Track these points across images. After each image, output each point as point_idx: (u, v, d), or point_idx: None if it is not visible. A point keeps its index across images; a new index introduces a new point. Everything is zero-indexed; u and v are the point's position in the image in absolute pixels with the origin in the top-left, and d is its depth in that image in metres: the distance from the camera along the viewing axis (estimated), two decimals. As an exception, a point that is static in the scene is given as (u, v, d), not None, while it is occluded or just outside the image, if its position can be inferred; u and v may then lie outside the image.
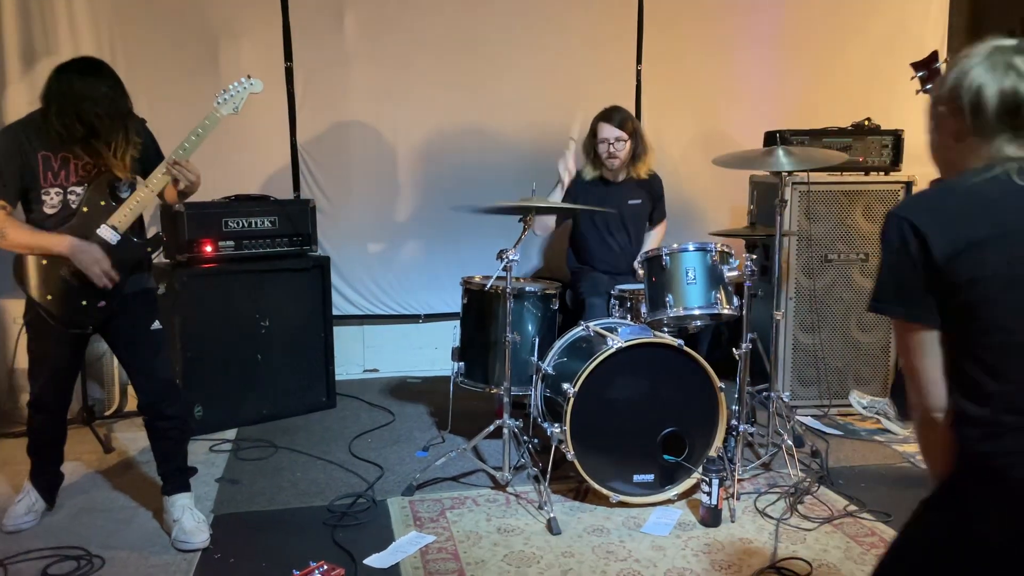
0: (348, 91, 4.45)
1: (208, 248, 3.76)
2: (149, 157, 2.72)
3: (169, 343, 2.86)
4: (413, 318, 4.71)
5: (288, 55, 4.34)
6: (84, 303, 2.60)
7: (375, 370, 4.77)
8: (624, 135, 3.81)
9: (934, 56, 3.38)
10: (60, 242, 2.53)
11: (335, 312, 4.28)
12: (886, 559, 1.45)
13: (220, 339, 3.78)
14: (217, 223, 3.78)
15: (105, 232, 2.58)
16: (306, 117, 4.42)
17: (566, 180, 3.86)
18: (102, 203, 2.61)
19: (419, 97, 4.51)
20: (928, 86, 3.39)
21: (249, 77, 2.80)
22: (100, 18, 4.08)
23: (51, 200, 2.58)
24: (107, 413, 3.97)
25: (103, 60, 2.65)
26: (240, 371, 3.85)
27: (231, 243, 3.82)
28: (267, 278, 3.92)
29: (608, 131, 3.80)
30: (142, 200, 2.63)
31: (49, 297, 2.58)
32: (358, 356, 4.74)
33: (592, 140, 3.87)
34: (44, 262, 2.56)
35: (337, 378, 4.22)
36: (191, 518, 2.73)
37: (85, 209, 2.59)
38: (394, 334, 4.75)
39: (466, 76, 4.53)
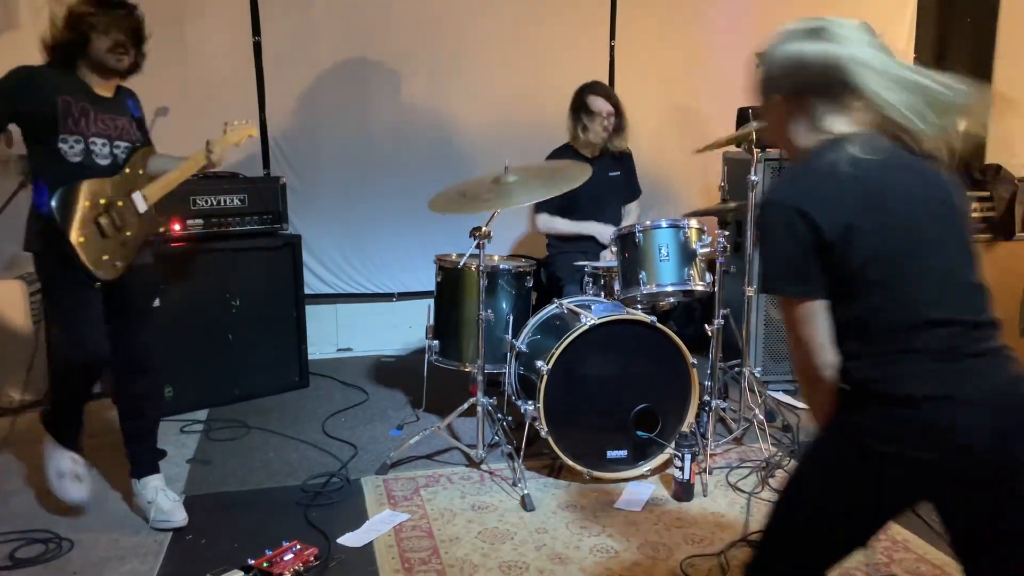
0: (318, 66, 4.38)
1: (176, 227, 3.69)
2: (144, 135, 2.79)
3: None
4: (387, 296, 4.68)
5: (256, 29, 4.27)
6: (106, 257, 2.57)
7: (348, 349, 4.75)
8: (613, 109, 3.83)
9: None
10: None
11: (307, 291, 4.24)
12: (795, 480, 1.56)
13: (190, 319, 3.73)
14: (185, 201, 3.71)
15: (137, 198, 2.65)
16: (275, 93, 4.35)
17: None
18: (141, 171, 2.69)
19: (391, 72, 4.45)
20: None
21: (248, 120, 2.94)
22: (62, -8, 3.98)
23: (72, 148, 2.53)
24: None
25: None
26: (211, 351, 3.80)
27: (200, 221, 3.76)
28: (237, 257, 3.86)
29: (602, 104, 3.81)
30: (175, 179, 2.73)
31: (82, 240, 2.53)
32: (331, 335, 4.71)
33: (580, 111, 3.84)
34: (87, 204, 2.53)
35: (310, 357, 4.19)
36: (166, 498, 2.71)
37: (127, 171, 2.65)
38: (368, 313, 4.72)
39: (438, 51, 4.48)
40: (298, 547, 2.40)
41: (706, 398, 3.21)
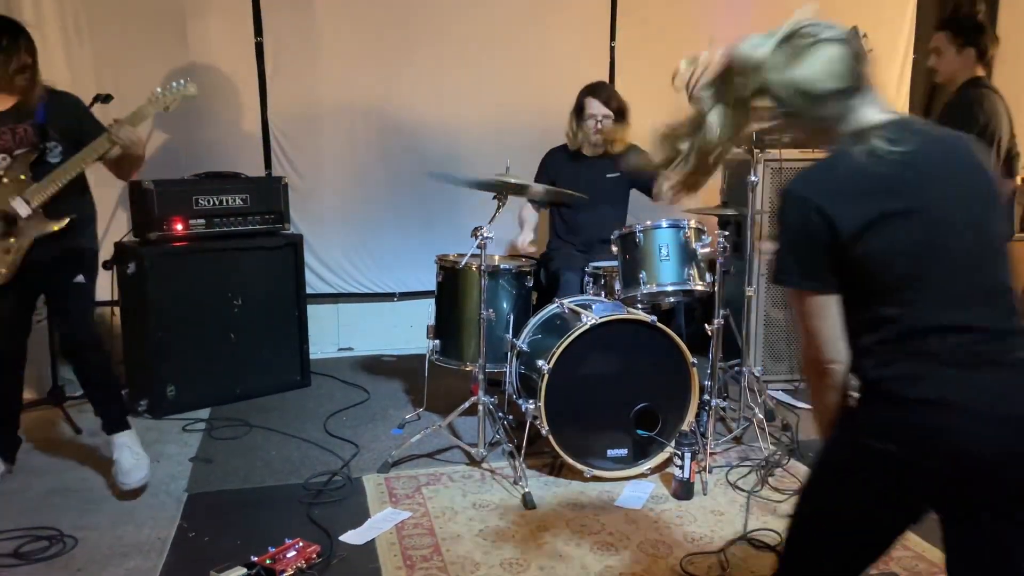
0: (320, 66, 4.39)
1: (179, 226, 3.71)
2: (87, 132, 2.78)
3: (93, 297, 2.99)
4: (388, 296, 4.70)
5: (258, 30, 4.28)
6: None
7: (350, 348, 4.76)
8: (611, 112, 3.81)
9: (854, 31, 3.38)
10: None
11: (309, 290, 4.26)
12: (805, 488, 1.54)
13: (192, 318, 3.75)
14: (187, 201, 3.73)
15: (18, 204, 2.68)
16: (277, 93, 4.36)
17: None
18: (22, 177, 2.72)
19: (392, 73, 4.47)
20: None
21: (187, 80, 2.90)
22: (64, -10, 3.99)
23: None
24: (78, 394, 3.91)
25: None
26: (213, 350, 3.82)
27: (202, 221, 3.78)
28: (239, 256, 3.88)
29: (596, 107, 3.80)
30: (61, 175, 2.72)
31: None
32: (332, 334, 4.72)
33: (578, 113, 3.85)
34: None
35: (311, 356, 4.20)
36: (130, 456, 2.78)
37: (5, 180, 2.70)
38: (369, 312, 4.73)
39: (440, 52, 4.49)
40: (301, 544, 2.42)
41: (706, 397, 3.22)
